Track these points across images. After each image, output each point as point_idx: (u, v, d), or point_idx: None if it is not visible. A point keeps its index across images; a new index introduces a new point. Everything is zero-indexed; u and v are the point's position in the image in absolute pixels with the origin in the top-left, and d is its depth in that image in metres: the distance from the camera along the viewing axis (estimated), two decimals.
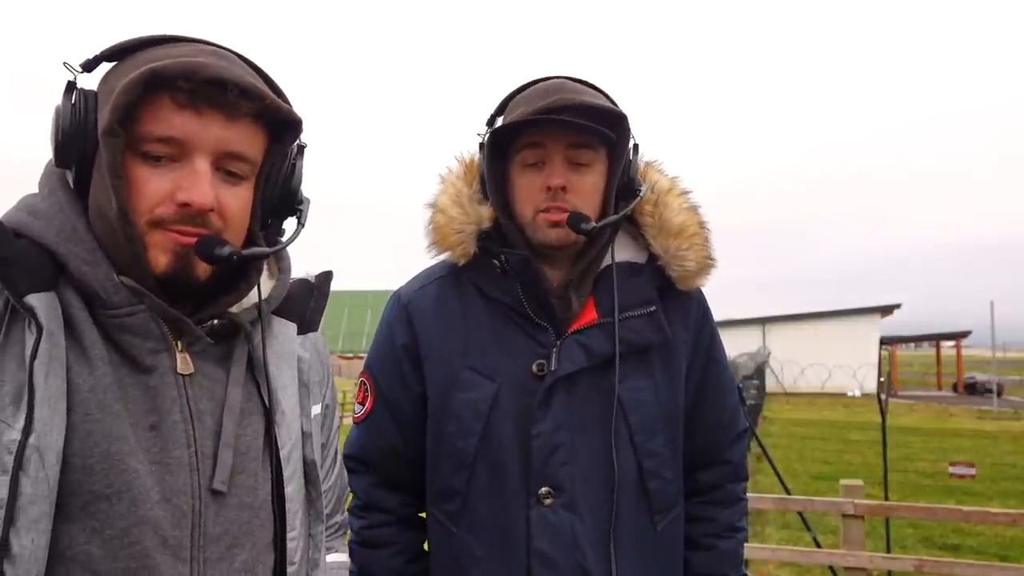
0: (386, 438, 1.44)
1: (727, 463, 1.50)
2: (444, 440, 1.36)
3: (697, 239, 1.38)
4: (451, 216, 1.36)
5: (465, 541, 1.34)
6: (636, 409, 1.33)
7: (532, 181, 1.32)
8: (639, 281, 1.38)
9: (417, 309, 1.42)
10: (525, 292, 1.34)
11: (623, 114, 1.32)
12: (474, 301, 1.39)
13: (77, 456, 0.77)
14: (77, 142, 0.83)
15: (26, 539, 0.72)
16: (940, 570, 4.01)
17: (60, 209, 0.84)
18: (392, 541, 1.44)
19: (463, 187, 1.39)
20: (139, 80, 0.79)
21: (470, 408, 1.33)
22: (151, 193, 0.82)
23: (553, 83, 1.36)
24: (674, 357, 1.40)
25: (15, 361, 0.77)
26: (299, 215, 0.99)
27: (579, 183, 1.31)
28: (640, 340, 1.34)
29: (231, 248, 0.85)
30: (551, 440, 1.30)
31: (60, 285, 0.82)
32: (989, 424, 19.97)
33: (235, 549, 0.87)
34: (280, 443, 0.93)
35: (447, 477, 1.36)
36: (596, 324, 1.33)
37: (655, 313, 1.36)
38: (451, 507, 1.36)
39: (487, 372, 1.34)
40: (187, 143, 0.83)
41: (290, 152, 0.96)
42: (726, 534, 1.47)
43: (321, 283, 1.08)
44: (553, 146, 1.30)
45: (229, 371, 0.91)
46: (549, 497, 1.30)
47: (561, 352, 1.32)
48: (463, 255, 1.37)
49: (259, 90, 0.85)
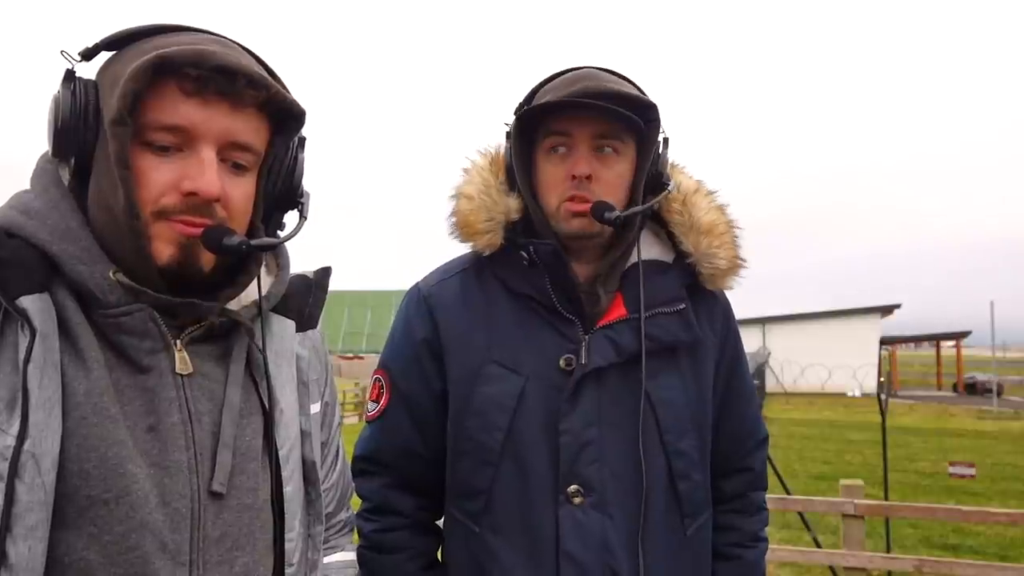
0: (402, 437, 1.38)
1: (749, 471, 1.47)
2: (467, 436, 1.31)
3: (727, 238, 1.35)
4: (479, 203, 1.32)
5: (488, 541, 1.28)
6: (666, 408, 1.29)
7: (557, 169, 1.29)
8: (668, 278, 1.34)
9: (438, 302, 1.37)
10: (553, 285, 1.30)
11: (653, 103, 1.28)
12: (498, 295, 1.35)
13: (74, 461, 0.76)
14: (77, 132, 0.82)
15: (23, 547, 0.72)
16: (940, 570, 4.01)
17: (54, 207, 0.83)
18: (406, 546, 1.37)
19: (490, 177, 1.36)
20: (148, 66, 0.77)
21: (495, 403, 1.28)
22: (157, 183, 0.81)
23: (582, 71, 1.32)
24: (702, 357, 1.36)
25: (9, 365, 0.75)
26: (301, 208, 0.98)
27: (605, 173, 1.27)
28: (669, 337, 1.31)
29: (240, 238, 0.84)
30: (580, 437, 1.26)
31: (54, 285, 0.80)
32: (989, 424, 19.96)
33: (235, 552, 0.86)
34: (279, 443, 0.92)
35: (469, 474, 1.31)
36: (624, 319, 1.30)
37: (684, 311, 1.32)
38: (473, 506, 1.30)
39: (513, 366, 1.30)
40: (193, 132, 0.82)
41: (292, 144, 0.95)
42: (750, 544, 1.44)
43: (320, 278, 1.06)
44: (580, 134, 1.26)
45: (228, 370, 0.90)
46: (579, 496, 1.25)
47: (591, 346, 1.28)
48: (489, 245, 1.32)
49: (266, 80, 0.84)
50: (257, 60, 0.90)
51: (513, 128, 1.33)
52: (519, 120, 1.32)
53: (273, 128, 0.91)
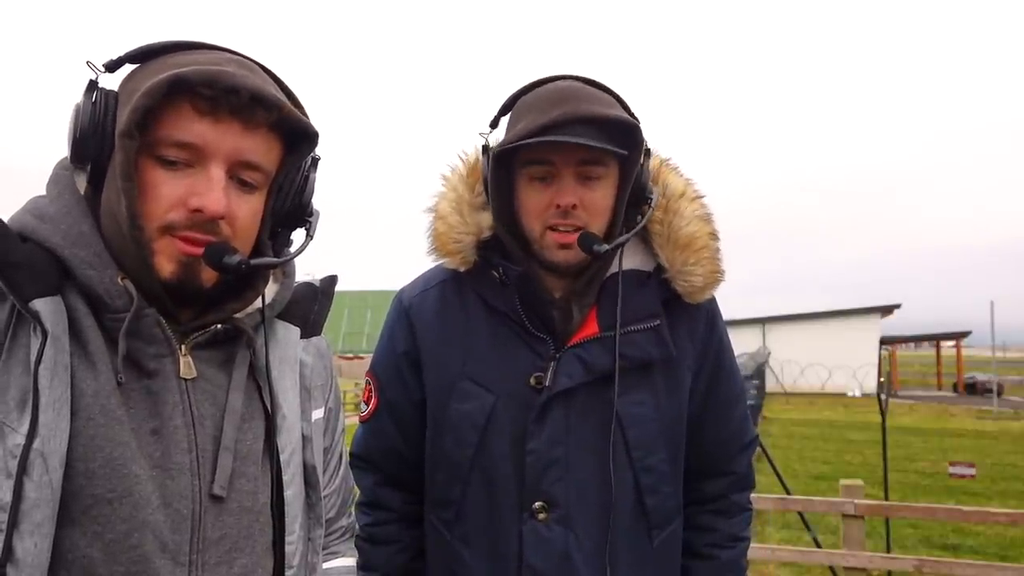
0: (388, 440, 1.45)
1: (732, 474, 1.47)
2: (441, 450, 1.35)
3: (706, 252, 1.33)
4: (450, 224, 1.34)
5: (458, 550, 1.34)
6: (635, 424, 1.30)
7: (540, 197, 1.27)
8: (644, 292, 1.33)
9: (418, 315, 1.41)
10: (524, 304, 1.31)
11: (636, 124, 1.25)
12: (476, 309, 1.37)
13: (80, 461, 0.78)
14: (95, 140, 0.84)
15: (29, 543, 0.73)
16: (940, 570, 4.02)
17: (67, 212, 0.85)
18: (395, 539, 1.45)
19: (464, 192, 1.36)
20: (163, 84, 0.79)
21: (467, 420, 1.32)
22: (164, 197, 0.83)
23: (561, 88, 1.27)
24: (678, 371, 1.36)
25: (20, 366, 0.77)
26: (308, 227, 1.00)
27: (590, 199, 1.26)
28: (642, 355, 1.30)
29: (240, 257, 0.85)
30: (546, 456, 1.28)
31: (66, 289, 0.82)
32: (989, 424, 19.95)
33: (234, 553, 0.87)
34: (280, 447, 0.93)
35: (443, 486, 1.36)
36: (596, 338, 1.29)
37: (659, 327, 1.32)
38: (446, 515, 1.35)
39: (485, 383, 1.32)
40: (204, 150, 0.83)
41: (304, 164, 0.97)
42: (728, 544, 1.45)
43: (326, 287, 1.08)
44: (563, 162, 1.24)
45: (231, 375, 0.92)
46: (543, 512, 1.28)
47: (559, 367, 1.29)
48: (463, 263, 1.35)
49: (278, 101, 0.85)
50: (274, 79, 0.92)
51: (491, 155, 1.30)
52: (497, 154, 1.28)
53: (286, 147, 0.92)
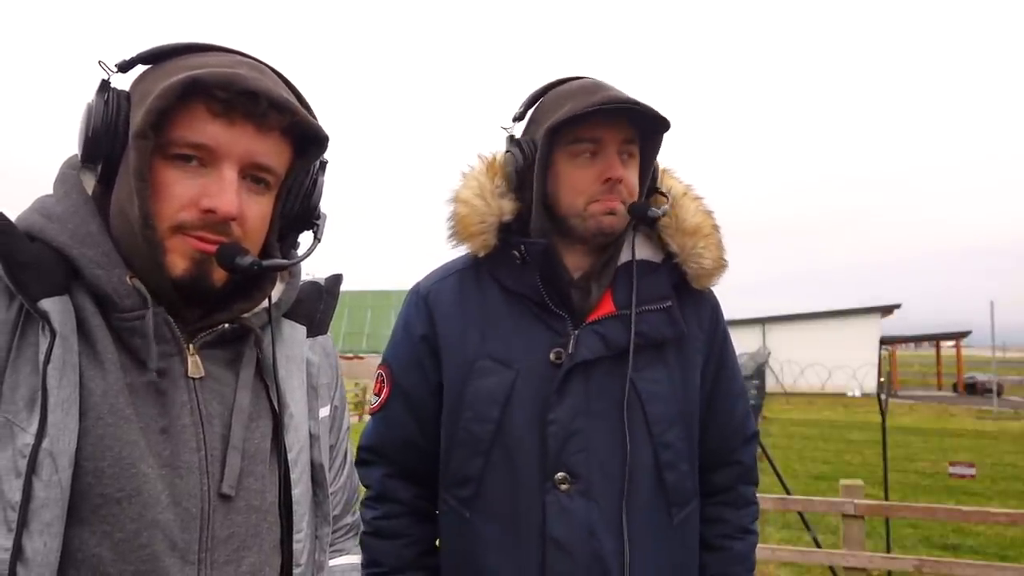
0: (402, 429, 1.46)
1: (738, 464, 1.52)
2: (460, 427, 1.38)
3: (712, 239, 1.43)
4: (473, 207, 1.39)
5: (478, 527, 1.36)
6: (652, 400, 1.35)
7: (585, 172, 1.35)
8: (656, 277, 1.41)
9: (436, 301, 1.45)
10: (544, 281, 1.36)
11: (663, 116, 1.35)
12: (493, 294, 1.42)
13: (89, 460, 0.78)
14: (107, 140, 0.85)
15: (38, 542, 0.73)
16: (940, 570, 4.02)
17: (75, 211, 0.85)
18: (405, 533, 1.45)
19: (486, 182, 1.42)
20: (177, 86, 0.80)
21: (487, 395, 1.35)
22: (177, 197, 0.83)
23: (594, 80, 1.38)
24: (689, 352, 1.42)
25: (29, 365, 0.77)
26: (316, 230, 1.00)
27: (629, 177, 1.36)
28: (655, 334, 1.37)
29: (252, 258, 0.86)
30: (568, 427, 1.32)
31: (74, 288, 0.82)
32: (989, 424, 19.95)
33: (242, 552, 0.87)
34: (288, 445, 0.94)
35: (462, 463, 1.38)
36: (613, 315, 1.36)
37: (671, 308, 1.39)
38: (465, 493, 1.38)
39: (505, 360, 1.37)
40: (217, 151, 0.84)
41: (313, 167, 0.98)
42: (739, 535, 1.48)
43: (331, 286, 1.09)
44: (610, 139, 1.34)
45: (238, 374, 0.92)
46: (565, 483, 1.31)
47: (579, 340, 1.34)
48: (483, 246, 1.40)
49: (291, 105, 0.86)
50: (286, 84, 0.93)
51: (543, 135, 1.36)
52: (550, 128, 1.35)
53: (296, 151, 0.93)
